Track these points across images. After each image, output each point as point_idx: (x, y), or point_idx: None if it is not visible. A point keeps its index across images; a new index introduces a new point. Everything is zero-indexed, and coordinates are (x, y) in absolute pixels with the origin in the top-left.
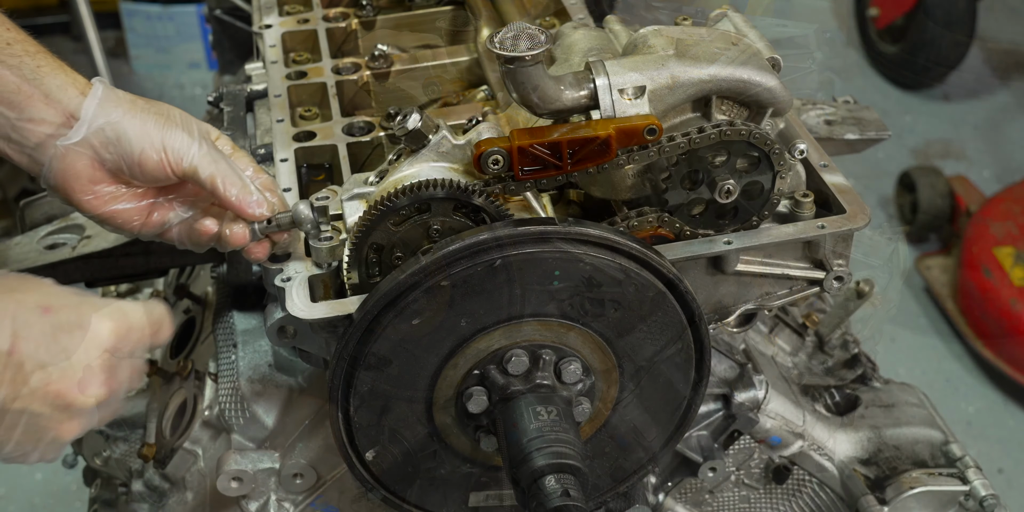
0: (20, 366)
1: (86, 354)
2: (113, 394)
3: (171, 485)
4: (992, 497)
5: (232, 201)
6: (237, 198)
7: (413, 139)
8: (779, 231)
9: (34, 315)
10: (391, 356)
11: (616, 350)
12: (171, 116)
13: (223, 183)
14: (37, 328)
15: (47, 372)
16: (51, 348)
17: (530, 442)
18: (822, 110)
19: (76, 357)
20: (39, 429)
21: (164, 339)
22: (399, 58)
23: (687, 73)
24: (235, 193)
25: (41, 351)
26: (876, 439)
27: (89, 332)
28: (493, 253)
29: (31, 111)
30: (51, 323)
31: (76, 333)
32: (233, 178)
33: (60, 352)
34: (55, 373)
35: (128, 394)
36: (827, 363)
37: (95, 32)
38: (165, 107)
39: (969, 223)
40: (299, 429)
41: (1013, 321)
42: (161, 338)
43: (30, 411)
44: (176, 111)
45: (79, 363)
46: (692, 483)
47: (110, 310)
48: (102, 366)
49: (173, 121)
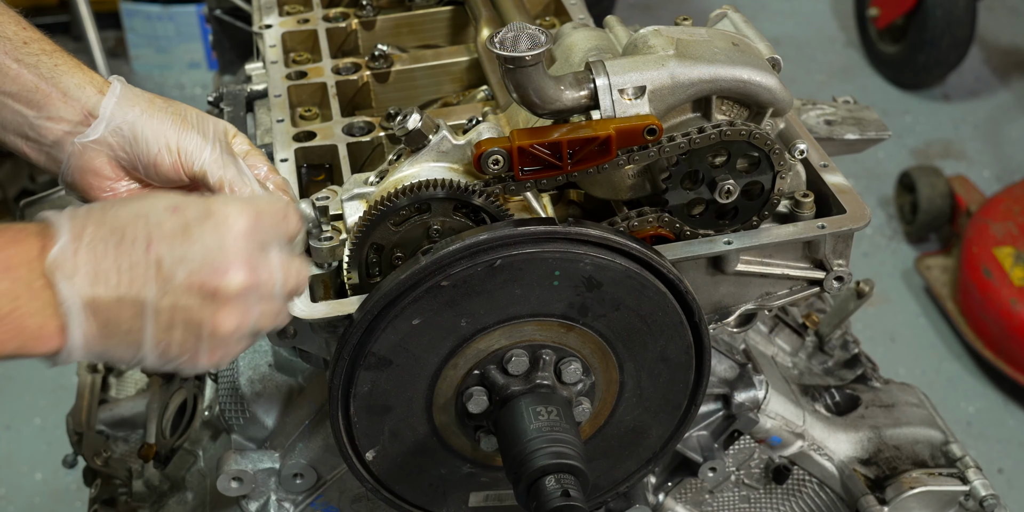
0: (160, 263)
1: (220, 241)
2: (259, 281)
3: (171, 485)
4: (992, 497)
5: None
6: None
7: (413, 139)
8: (779, 231)
9: (164, 215)
10: (391, 356)
11: (616, 350)
12: (187, 117)
13: (230, 189)
14: (169, 225)
15: (187, 264)
16: (186, 241)
17: (530, 442)
18: (822, 110)
19: (211, 245)
20: (195, 324)
21: (295, 227)
22: (399, 58)
23: (687, 73)
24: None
25: (177, 246)
26: (876, 439)
27: (219, 220)
28: (493, 253)
29: (49, 109)
30: (181, 219)
31: (207, 223)
32: (241, 184)
33: (195, 244)
34: (194, 263)
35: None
36: (827, 363)
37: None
38: (182, 107)
39: (969, 223)
40: (299, 429)
41: (1013, 321)
42: (292, 225)
43: (181, 305)
44: (192, 111)
45: (215, 250)
46: (692, 483)
47: (235, 199)
48: (239, 250)
49: (189, 122)
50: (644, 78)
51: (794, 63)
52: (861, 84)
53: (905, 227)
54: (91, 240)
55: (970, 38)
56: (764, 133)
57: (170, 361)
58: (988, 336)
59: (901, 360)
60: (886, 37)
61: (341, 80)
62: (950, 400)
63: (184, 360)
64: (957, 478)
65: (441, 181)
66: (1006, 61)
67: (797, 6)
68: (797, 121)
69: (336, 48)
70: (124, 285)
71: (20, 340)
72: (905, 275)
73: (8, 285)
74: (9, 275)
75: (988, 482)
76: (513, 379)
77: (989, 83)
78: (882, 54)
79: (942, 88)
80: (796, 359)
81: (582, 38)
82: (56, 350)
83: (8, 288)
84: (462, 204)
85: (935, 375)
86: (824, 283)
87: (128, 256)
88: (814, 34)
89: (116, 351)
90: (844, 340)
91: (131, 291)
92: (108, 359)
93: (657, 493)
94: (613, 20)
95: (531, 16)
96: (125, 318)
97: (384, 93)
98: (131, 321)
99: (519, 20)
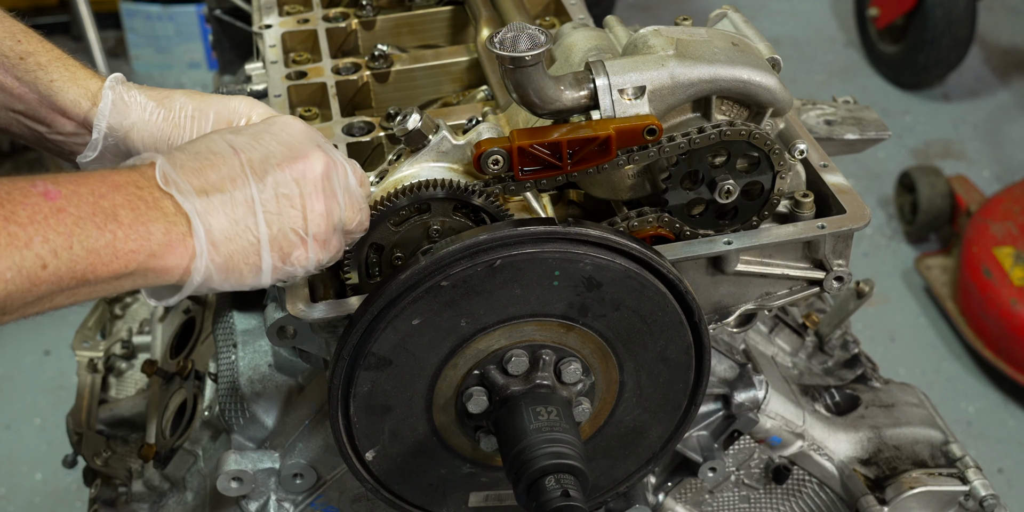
0: (252, 164)
1: (291, 135)
2: (335, 164)
3: (171, 485)
4: (992, 497)
5: None
6: None
7: (413, 139)
8: (779, 231)
9: (233, 135)
10: (391, 356)
11: (616, 350)
12: (180, 120)
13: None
14: (243, 138)
15: (273, 158)
16: (264, 142)
17: (530, 442)
18: (822, 110)
19: (285, 139)
20: (297, 209)
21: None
22: (399, 58)
23: (687, 73)
24: None
25: (258, 147)
26: (876, 439)
27: (281, 123)
28: (493, 253)
29: (56, 126)
30: (250, 131)
31: (273, 127)
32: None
33: (271, 142)
34: (279, 156)
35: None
36: (827, 363)
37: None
38: (179, 103)
39: (969, 223)
40: (299, 429)
41: (1013, 321)
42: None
43: (281, 192)
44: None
45: (291, 142)
46: (692, 483)
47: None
48: (310, 139)
49: (181, 126)
50: (644, 78)
51: (794, 63)
52: (861, 84)
53: (905, 227)
54: (182, 163)
55: (970, 38)
56: (764, 133)
57: (286, 257)
58: (988, 336)
59: (901, 360)
60: (886, 37)
61: (341, 80)
62: (950, 400)
63: (297, 254)
64: (957, 478)
65: (441, 181)
66: (1006, 61)
67: (797, 6)
68: (797, 121)
69: (336, 48)
70: (228, 188)
71: (149, 248)
72: (905, 275)
73: (124, 198)
74: (121, 191)
75: (988, 482)
76: (513, 379)
77: (989, 83)
78: (882, 54)
79: (942, 88)
80: (796, 359)
81: (582, 38)
82: (186, 261)
83: (125, 200)
84: (462, 204)
85: (935, 375)
86: (824, 283)
87: (222, 165)
88: (814, 34)
89: (238, 258)
90: (844, 340)
91: (236, 191)
92: (232, 269)
93: (657, 493)
94: (613, 20)
95: (531, 16)
96: (239, 216)
97: (384, 93)
98: (245, 219)
99: (519, 20)
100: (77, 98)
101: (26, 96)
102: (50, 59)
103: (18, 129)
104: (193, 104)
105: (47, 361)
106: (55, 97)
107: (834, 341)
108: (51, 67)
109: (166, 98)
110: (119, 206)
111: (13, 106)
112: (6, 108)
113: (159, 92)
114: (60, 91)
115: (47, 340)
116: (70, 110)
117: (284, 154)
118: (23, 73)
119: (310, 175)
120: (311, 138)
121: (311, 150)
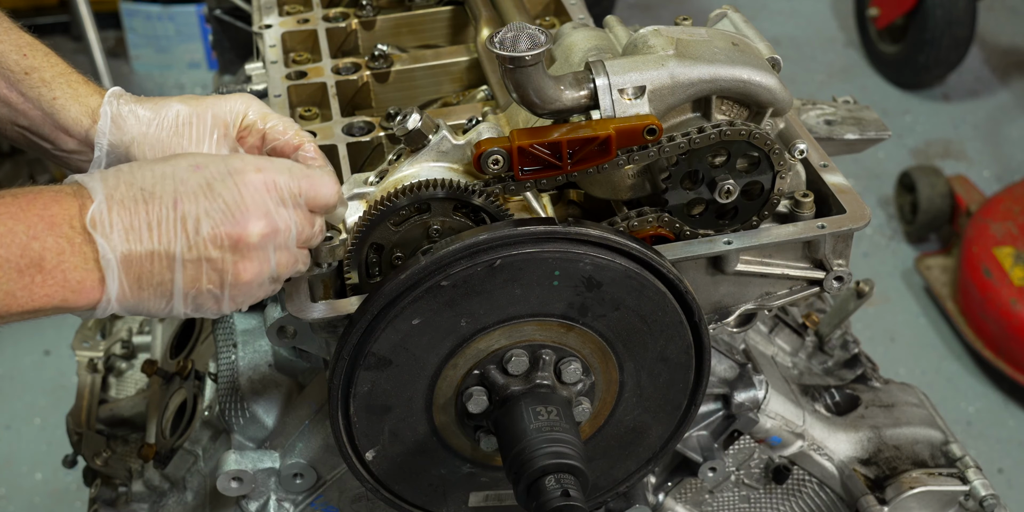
0: (186, 219)
1: (240, 195)
2: (276, 230)
3: (171, 485)
4: (992, 497)
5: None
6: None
7: (413, 139)
8: (779, 231)
9: (188, 172)
10: (391, 356)
11: (616, 350)
12: (179, 131)
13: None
14: (192, 182)
15: (210, 218)
16: (209, 197)
17: (530, 442)
18: (822, 110)
19: (231, 200)
20: (219, 273)
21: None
22: (399, 58)
23: (687, 73)
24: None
25: (201, 201)
26: (876, 439)
27: (239, 176)
28: (493, 253)
29: (59, 143)
30: (204, 176)
31: (228, 180)
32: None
33: (217, 199)
34: (217, 217)
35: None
36: (827, 363)
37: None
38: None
39: (969, 223)
40: (299, 429)
41: (1013, 321)
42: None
43: (206, 256)
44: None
45: (235, 204)
46: (692, 483)
47: (255, 159)
48: (258, 203)
49: (180, 136)
50: (644, 78)
51: (794, 63)
52: (861, 84)
53: (905, 227)
54: (123, 198)
55: (970, 38)
56: (764, 133)
57: (198, 309)
58: (988, 336)
59: (901, 360)
60: (886, 37)
61: (341, 80)
62: (950, 400)
63: (208, 306)
64: (957, 478)
65: (441, 181)
66: (1006, 61)
67: (797, 6)
68: (797, 121)
69: (336, 48)
70: (155, 240)
71: (64, 293)
72: (905, 275)
73: (54, 241)
74: (54, 232)
75: (988, 482)
76: (513, 379)
77: (989, 83)
78: (882, 54)
79: (942, 88)
80: (796, 359)
81: (582, 38)
82: (95, 303)
83: (54, 244)
84: (462, 204)
85: (935, 375)
86: (824, 283)
87: (157, 213)
88: (814, 34)
89: (148, 303)
90: (844, 340)
91: (161, 245)
92: (141, 311)
93: (657, 493)
94: (613, 20)
95: (531, 16)
96: (156, 270)
97: (384, 93)
98: (162, 273)
99: (519, 20)
100: (78, 116)
101: (30, 113)
102: (54, 75)
103: (25, 143)
104: (189, 109)
105: (47, 361)
106: (57, 115)
107: (834, 341)
108: (55, 84)
109: (163, 107)
110: (47, 250)
111: (18, 121)
112: (12, 123)
113: (156, 102)
114: (62, 109)
115: (47, 340)
116: (72, 128)
117: (223, 218)
118: (28, 89)
119: (242, 245)
120: (262, 202)
121: (253, 219)
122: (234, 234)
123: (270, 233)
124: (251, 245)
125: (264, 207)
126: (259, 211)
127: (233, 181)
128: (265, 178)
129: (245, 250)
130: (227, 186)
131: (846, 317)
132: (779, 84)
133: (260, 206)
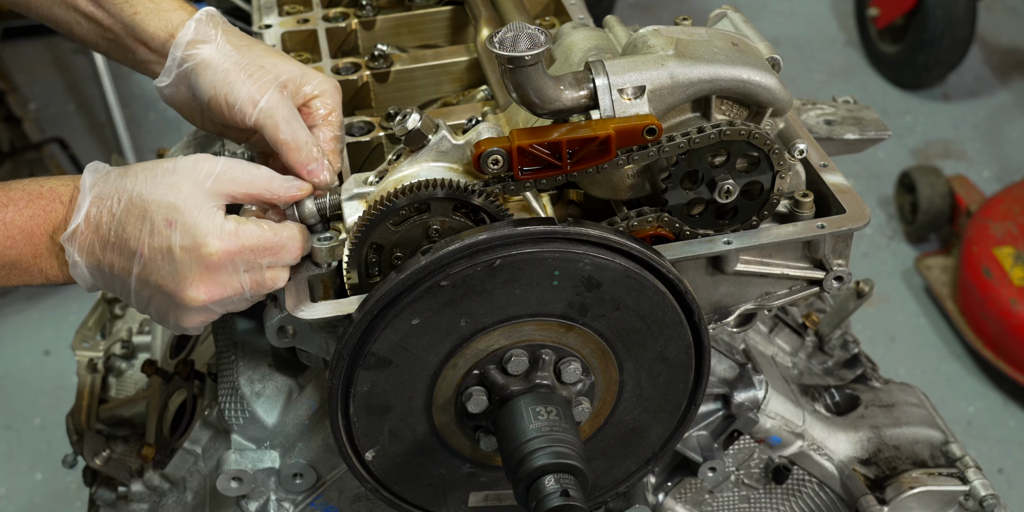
0: (145, 265)
1: (190, 266)
2: (222, 298)
3: (171, 485)
4: (992, 497)
5: (292, 166)
6: (295, 164)
7: (413, 139)
8: (779, 231)
9: (162, 226)
10: (391, 356)
11: (616, 350)
12: (247, 66)
13: (282, 149)
14: (159, 239)
15: (160, 275)
16: (166, 258)
17: (530, 442)
18: (822, 110)
19: (182, 268)
20: (165, 309)
21: (291, 255)
22: (399, 58)
23: (687, 73)
24: (295, 160)
25: (158, 258)
26: (876, 439)
27: (197, 251)
28: (493, 253)
29: (139, 54)
30: (170, 239)
31: (189, 252)
32: (288, 149)
33: (173, 262)
34: (166, 277)
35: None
36: (827, 363)
37: None
38: (251, 52)
39: (969, 223)
40: (299, 429)
41: (1013, 321)
42: (286, 254)
43: (155, 296)
44: (259, 55)
45: (185, 272)
46: (692, 483)
47: (220, 233)
48: (206, 276)
49: (246, 72)
50: (644, 78)
51: (794, 63)
52: (861, 84)
53: (905, 227)
54: (100, 224)
55: (970, 38)
56: (764, 133)
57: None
58: (988, 336)
59: (901, 360)
60: (886, 37)
61: (341, 80)
62: (950, 400)
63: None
64: (957, 478)
65: (441, 181)
66: (1006, 61)
67: (797, 6)
68: (797, 121)
69: (336, 48)
70: (117, 268)
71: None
72: (905, 275)
73: (32, 249)
74: (33, 241)
75: (988, 482)
76: (513, 379)
77: (989, 83)
78: (882, 54)
79: (942, 88)
80: (796, 359)
81: (582, 38)
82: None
83: (32, 250)
84: (462, 204)
85: (935, 375)
86: (824, 283)
87: (125, 248)
88: (814, 34)
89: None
90: (844, 340)
91: (121, 275)
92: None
93: (657, 493)
94: (613, 20)
95: (531, 16)
96: (116, 288)
97: (384, 93)
98: (120, 291)
99: (519, 20)
100: (156, 30)
101: (114, 27)
102: None
103: (116, 55)
104: (268, 62)
105: (47, 361)
106: (136, 28)
107: (834, 341)
108: (136, 0)
109: (246, 46)
110: (22, 255)
111: (105, 35)
112: (101, 37)
113: (242, 39)
114: (140, 24)
115: (47, 340)
116: (150, 41)
117: (172, 278)
118: (109, 5)
119: (183, 305)
120: (213, 276)
121: (198, 288)
122: (178, 297)
123: (211, 301)
124: (193, 307)
125: (211, 281)
126: (205, 284)
127: (193, 254)
128: (228, 248)
129: (187, 308)
130: (186, 255)
131: (846, 317)
132: (779, 84)
133: (210, 278)
